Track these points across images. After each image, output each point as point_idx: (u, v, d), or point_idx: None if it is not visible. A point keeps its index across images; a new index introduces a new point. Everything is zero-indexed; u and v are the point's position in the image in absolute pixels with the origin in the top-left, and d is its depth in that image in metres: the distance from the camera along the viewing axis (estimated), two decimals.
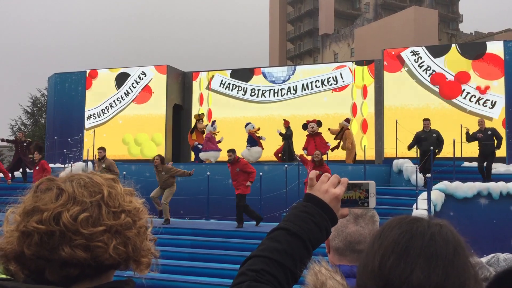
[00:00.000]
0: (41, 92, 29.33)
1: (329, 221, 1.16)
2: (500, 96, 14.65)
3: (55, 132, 18.31)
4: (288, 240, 1.10)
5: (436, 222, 0.88)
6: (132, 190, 1.05)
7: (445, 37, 53.22)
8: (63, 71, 19.53)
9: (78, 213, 0.93)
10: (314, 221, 1.13)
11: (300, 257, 1.10)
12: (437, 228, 0.86)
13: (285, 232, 1.12)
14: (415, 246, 0.83)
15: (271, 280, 1.06)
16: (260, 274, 1.06)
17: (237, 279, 1.08)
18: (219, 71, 18.28)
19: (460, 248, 0.85)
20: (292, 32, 61.18)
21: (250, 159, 13.53)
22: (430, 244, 0.83)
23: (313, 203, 1.16)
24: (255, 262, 1.09)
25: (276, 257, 1.08)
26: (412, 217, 0.89)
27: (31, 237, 0.91)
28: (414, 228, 0.85)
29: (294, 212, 1.16)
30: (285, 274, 1.08)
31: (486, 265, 2.19)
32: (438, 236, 0.84)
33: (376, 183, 5.53)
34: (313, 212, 1.15)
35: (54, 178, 1.00)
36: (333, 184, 1.19)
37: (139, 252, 0.98)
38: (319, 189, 1.18)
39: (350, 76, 16.62)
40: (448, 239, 0.85)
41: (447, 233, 0.86)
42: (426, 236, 0.84)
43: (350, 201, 1.21)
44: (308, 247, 1.11)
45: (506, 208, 10.30)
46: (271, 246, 1.10)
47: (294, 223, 1.13)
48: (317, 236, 1.13)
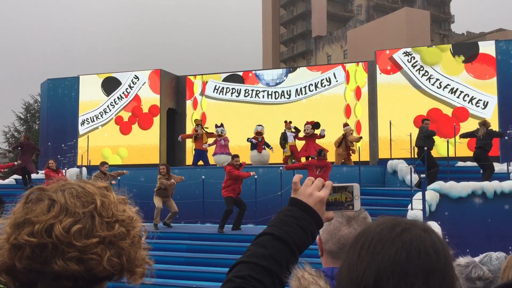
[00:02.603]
0: (34, 98, 29.20)
1: (314, 225, 1.15)
2: (493, 96, 14.74)
3: (48, 138, 18.24)
4: (274, 245, 1.10)
5: (424, 229, 0.88)
6: (126, 198, 1.03)
7: (437, 38, 53.53)
8: (56, 77, 19.47)
9: (70, 225, 0.91)
10: (300, 225, 1.13)
11: (287, 262, 1.10)
12: (428, 238, 0.86)
13: (271, 237, 1.12)
14: (413, 265, 0.82)
15: (258, 286, 1.06)
16: (246, 280, 1.06)
17: (224, 286, 1.08)
18: (212, 74, 18.28)
19: (448, 255, 0.86)
20: (285, 34, 61.29)
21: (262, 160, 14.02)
22: (426, 260, 0.83)
23: (297, 207, 1.16)
24: (241, 268, 1.09)
25: (262, 262, 1.08)
26: (399, 225, 0.88)
27: (22, 250, 0.89)
28: (408, 243, 0.85)
29: (279, 217, 1.16)
30: (272, 280, 1.08)
31: (479, 264, 2.21)
32: (431, 249, 0.84)
33: (371, 184, 5.63)
34: (298, 216, 1.14)
35: (45, 188, 0.97)
36: (317, 188, 1.18)
37: (133, 262, 0.96)
38: (304, 193, 1.18)
39: (343, 77, 16.66)
40: (438, 249, 0.85)
41: (436, 242, 0.86)
42: (421, 251, 0.84)
43: (335, 204, 1.20)
44: (294, 252, 1.11)
45: (501, 207, 10.35)
46: (257, 252, 1.10)
47: (279, 227, 1.13)
48: (303, 240, 1.13)
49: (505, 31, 45.10)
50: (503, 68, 14.76)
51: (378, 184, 13.24)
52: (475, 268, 2.20)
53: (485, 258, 2.25)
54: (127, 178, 12.62)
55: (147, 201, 11.00)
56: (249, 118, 16.92)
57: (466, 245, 7.91)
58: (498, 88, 14.68)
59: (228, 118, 17.05)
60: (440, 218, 10.10)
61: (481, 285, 2.16)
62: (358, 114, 16.42)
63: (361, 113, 16.35)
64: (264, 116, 16.72)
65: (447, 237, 9.51)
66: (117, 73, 18.46)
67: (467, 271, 2.18)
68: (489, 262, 2.22)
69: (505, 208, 10.35)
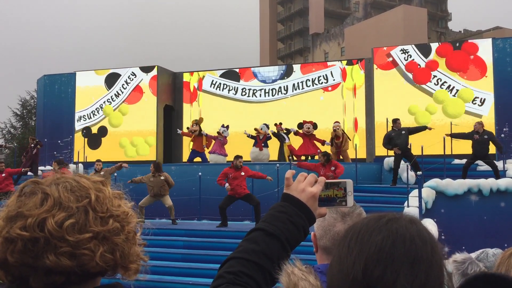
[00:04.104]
0: (30, 94, 29.12)
1: (307, 220, 1.15)
2: (489, 93, 14.76)
3: (45, 134, 18.18)
4: (266, 240, 1.09)
5: (411, 220, 0.88)
6: (121, 193, 1.02)
7: (434, 35, 53.56)
8: (52, 73, 19.40)
9: (63, 220, 0.89)
10: (292, 221, 1.12)
11: (278, 258, 1.09)
12: (414, 228, 0.86)
13: (262, 233, 1.11)
14: (398, 252, 0.82)
15: (249, 282, 1.05)
16: (237, 276, 1.05)
17: (215, 282, 1.07)
18: (209, 71, 18.26)
19: (435, 245, 0.86)
20: (282, 31, 61.20)
21: (263, 158, 14.06)
22: (411, 248, 0.83)
23: (290, 203, 1.15)
24: (232, 264, 1.08)
25: (253, 258, 1.07)
26: (387, 217, 0.88)
27: (14, 243, 0.88)
28: (394, 231, 0.85)
29: (271, 213, 1.15)
30: (263, 275, 1.07)
31: (476, 260, 2.21)
32: (417, 238, 0.84)
33: (368, 181, 5.62)
34: (290, 212, 1.13)
35: (40, 181, 0.96)
36: (310, 183, 1.18)
37: (127, 258, 0.95)
38: (296, 189, 1.17)
39: (340, 75, 16.66)
40: (425, 239, 0.85)
41: (423, 232, 0.86)
42: (407, 239, 0.84)
43: (328, 200, 1.19)
44: (286, 247, 1.11)
45: (497, 204, 10.39)
46: (248, 248, 1.09)
47: (271, 223, 1.12)
48: (294, 235, 1.12)
49: (502, 29, 45.15)
50: (500, 66, 14.78)
51: (374, 181, 13.27)
52: (471, 265, 2.20)
53: (481, 254, 2.25)
54: (123, 174, 12.61)
55: (143, 197, 10.99)
56: (247, 115, 16.93)
57: (462, 242, 7.92)
58: (494, 86, 14.70)
59: (225, 114, 17.06)
60: (436, 216, 10.13)
61: None
62: (355, 111, 16.43)
63: (358, 111, 16.36)
64: (261, 113, 16.72)
65: (443, 234, 9.54)
66: (115, 69, 18.40)
67: (463, 267, 2.18)
68: (485, 259, 2.22)
69: (501, 206, 10.39)
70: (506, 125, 14.15)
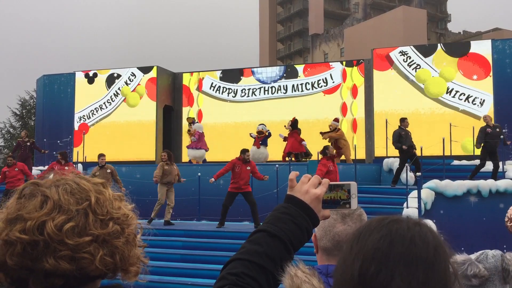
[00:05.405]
0: (29, 94, 29.12)
1: (310, 222, 1.14)
2: (489, 94, 14.77)
3: (44, 134, 18.17)
4: (269, 242, 1.09)
5: (415, 222, 0.86)
6: (122, 195, 1.01)
7: (434, 37, 53.62)
8: (52, 73, 19.39)
9: (63, 223, 0.89)
10: (295, 222, 1.12)
11: (281, 259, 1.08)
12: (416, 229, 0.84)
13: (265, 234, 1.10)
14: (395, 252, 0.80)
15: (251, 283, 1.04)
16: (240, 277, 1.05)
17: (217, 283, 1.07)
18: (209, 71, 18.25)
19: (441, 248, 0.84)
20: (282, 32, 61.24)
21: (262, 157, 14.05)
22: (410, 248, 0.81)
23: (293, 204, 1.14)
24: (235, 265, 1.07)
25: (256, 259, 1.07)
26: (391, 218, 0.87)
27: (13, 246, 0.87)
28: (394, 231, 0.83)
29: (274, 214, 1.14)
30: (266, 277, 1.06)
31: (475, 262, 2.21)
32: (418, 239, 0.82)
33: (367, 182, 5.62)
34: (294, 213, 1.13)
35: (39, 183, 0.95)
36: (314, 185, 1.17)
37: (127, 261, 0.95)
38: (300, 190, 1.16)
39: (339, 76, 16.66)
40: (428, 240, 0.83)
41: (427, 234, 0.84)
42: (406, 239, 0.82)
43: (332, 202, 1.19)
44: (289, 249, 1.10)
45: (496, 205, 10.39)
46: (251, 249, 1.09)
47: (274, 224, 1.11)
48: (298, 237, 1.11)
49: (501, 30, 45.20)
50: (499, 67, 14.79)
51: (373, 182, 13.27)
52: (471, 266, 2.20)
53: (481, 255, 2.25)
54: (123, 174, 12.60)
55: (143, 198, 10.98)
56: (246, 115, 16.92)
57: (461, 244, 7.94)
58: (494, 87, 14.72)
59: (224, 115, 17.06)
60: (435, 217, 10.13)
61: (476, 282, 2.17)
62: (354, 112, 16.44)
63: (357, 111, 16.37)
64: (260, 113, 16.72)
65: (442, 235, 9.53)
66: (114, 69, 18.39)
67: (463, 268, 2.18)
68: (485, 260, 2.22)
69: (500, 207, 10.38)
70: (506, 126, 14.16)
